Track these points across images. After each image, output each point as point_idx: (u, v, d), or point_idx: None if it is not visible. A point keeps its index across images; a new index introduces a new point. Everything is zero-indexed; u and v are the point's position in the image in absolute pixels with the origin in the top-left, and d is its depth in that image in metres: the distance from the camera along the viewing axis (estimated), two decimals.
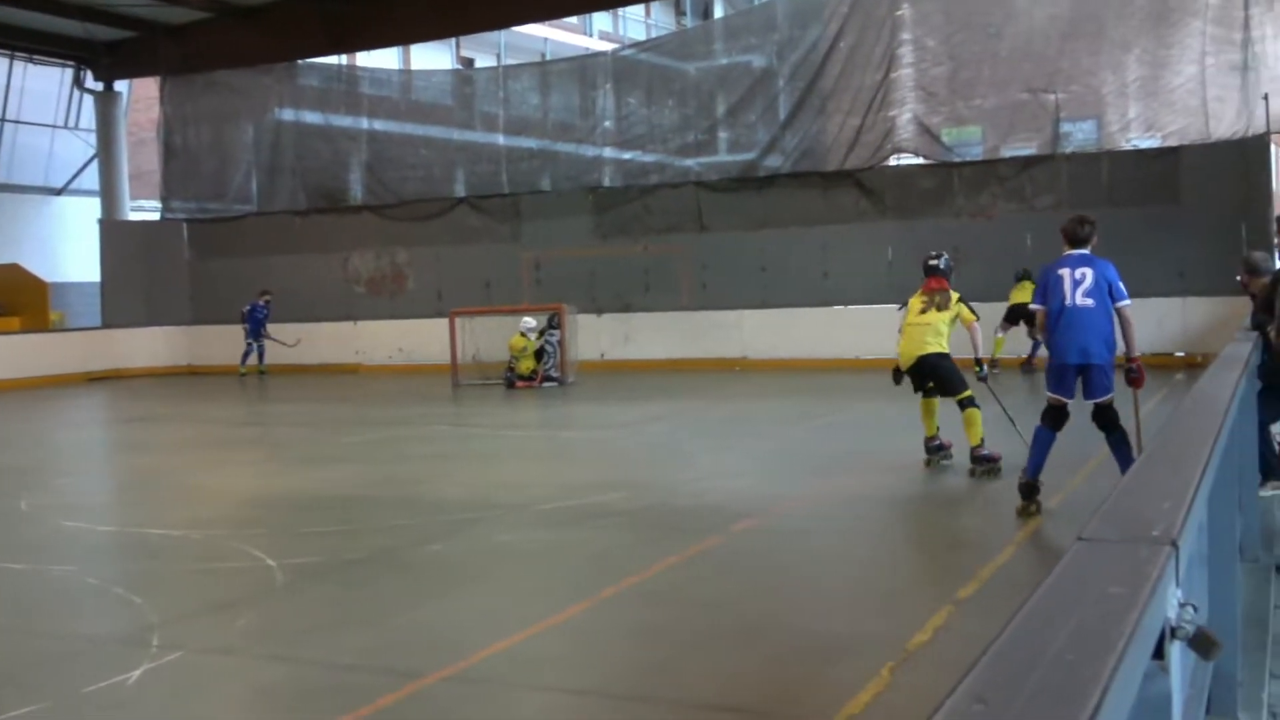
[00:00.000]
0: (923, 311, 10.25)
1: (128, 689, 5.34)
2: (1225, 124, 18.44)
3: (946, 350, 10.13)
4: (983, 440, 9.83)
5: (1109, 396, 8.00)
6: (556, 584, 7.16)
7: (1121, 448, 8.01)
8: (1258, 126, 18.03)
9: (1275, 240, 8.21)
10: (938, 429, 10.31)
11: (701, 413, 15.72)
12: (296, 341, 23.46)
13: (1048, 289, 7.99)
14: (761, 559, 7.52)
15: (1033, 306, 8.43)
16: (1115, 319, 7.94)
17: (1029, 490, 8.03)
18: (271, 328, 23.82)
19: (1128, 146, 19.57)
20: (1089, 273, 7.87)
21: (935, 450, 10.34)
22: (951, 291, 10.37)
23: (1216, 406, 3.73)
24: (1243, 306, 14.69)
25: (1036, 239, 19.64)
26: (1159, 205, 18.73)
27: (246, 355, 23.40)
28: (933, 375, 10.09)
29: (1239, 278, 8.04)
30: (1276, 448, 8.70)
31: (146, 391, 17.63)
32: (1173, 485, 2.40)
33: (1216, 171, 18.32)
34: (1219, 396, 4.06)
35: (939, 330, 10.09)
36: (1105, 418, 8.05)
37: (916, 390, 10.37)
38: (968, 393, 10.02)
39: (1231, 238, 17.93)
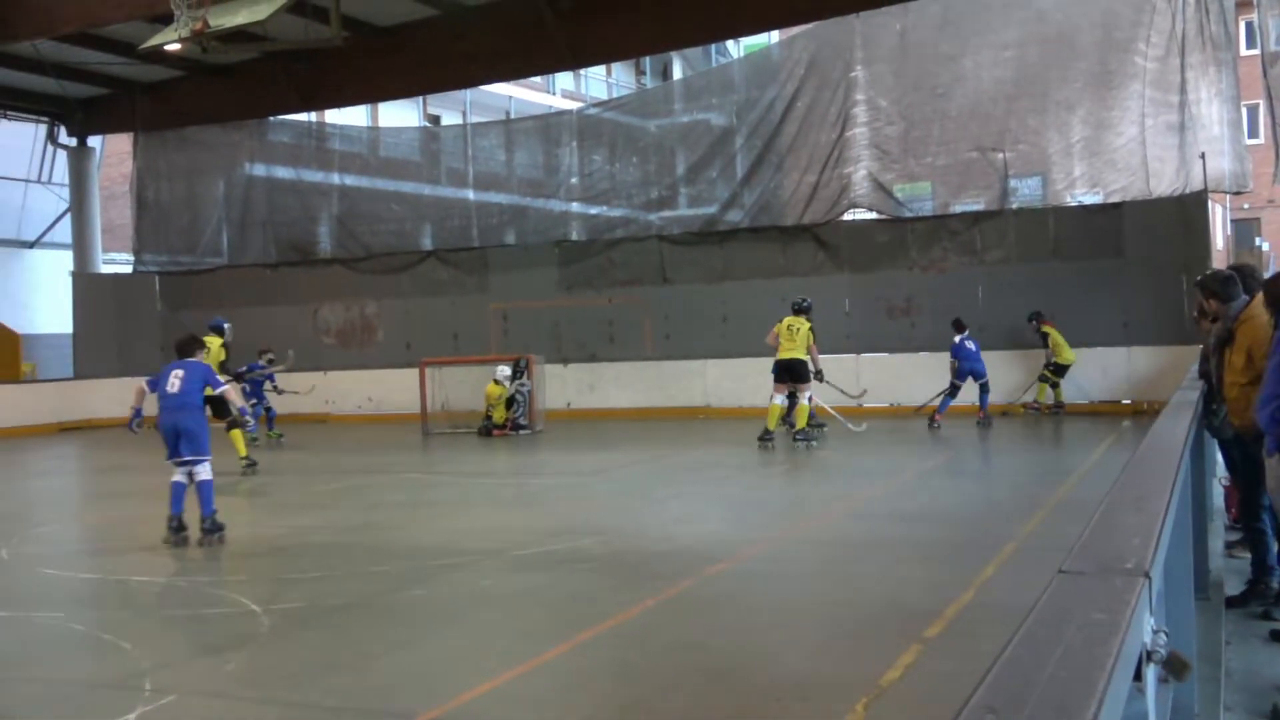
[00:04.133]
0: (790, 331, 15.99)
1: None
2: (1165, 181, 18.90)
3: (804, 358, 15.90)
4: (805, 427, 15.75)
5: None
6: (536, 627, 7.22)
7: None
8: (1195, 184, 18.50)
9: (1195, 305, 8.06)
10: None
11: (668, 459, 15.84)
12: (311, 388, 22.71)
13: None
14: (734, 601, 7.61)
15: None
16: None
17: None
18: (289, 377, 22.80)
19: (1073, 202, 20.02)
20: None
21: (766, 439, 15.63)
22: (805, 321, 16.15)
23: (1172, 451, 3.89)
24: (1185, 357, 15.06)
25: (987, 291, 20.06)
26: (1103, 259, 19.13)
27: (270, 418, 20.10)
28: (795, 370, 15.85)
29: (1199, 305, 7.62)
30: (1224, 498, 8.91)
31: (119, 441, 17.52)
32: (1140, 523, 2.55)
33: (1158, 227, 18.75)
34: (1174, 442, 4.24)
35: (801, 345, 15.91)
36: None
37: (778, 381, 15.99)
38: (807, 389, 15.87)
39: (1173, 290, 18.38)
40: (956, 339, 17.86)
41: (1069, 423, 18.07)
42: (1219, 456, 10.44)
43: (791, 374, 15.96)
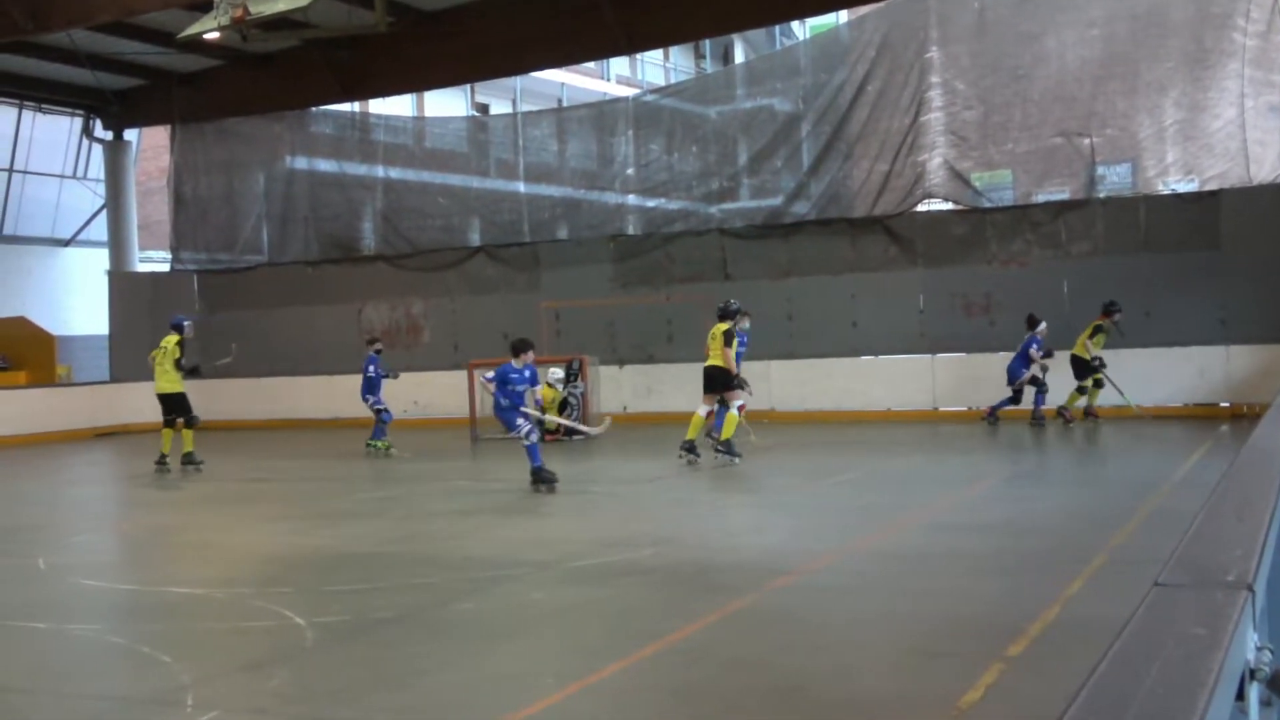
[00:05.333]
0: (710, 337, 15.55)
1: None
2: (1266, 167, 18.59)
3: (720, 364, 15.27)
4: (730, 439, 15.02)
5: None
6: (591, 643, 7.24)
7: None
8: None
9: None
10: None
11: (730, 467, 15.81)
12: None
13: None
14: (799, 616, 7.59)
15: None
16: None
17: None
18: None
19: (1165, 191, 19.74)
20: None
21: (688, 450, 15.23)
22: (722, 325, 15.49)
23: (1275, 456, 3.83)
24: None
25: (1072, 286, 19.81)
26: (1199, 251, 18.83)
27: (379, 426, 19.13)
28: (712, 378, 15.34)
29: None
30: None
31: (156, 447, 17.85)
32: (1241, 533, 2.51)
33: (1258, 216, 18.43)
34: (1277, 446, 4.17)
35: (717, 350, 15.34)
36: None
37: (704, 390, 15.46)
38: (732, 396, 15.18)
39: (1275, 283, 18.03)
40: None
41: (1161, 428, 17.79)
42: None
43: (711, 382, 15.46)
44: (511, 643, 7.33)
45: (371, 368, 19.08)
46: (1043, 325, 18.17)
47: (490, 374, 13.72)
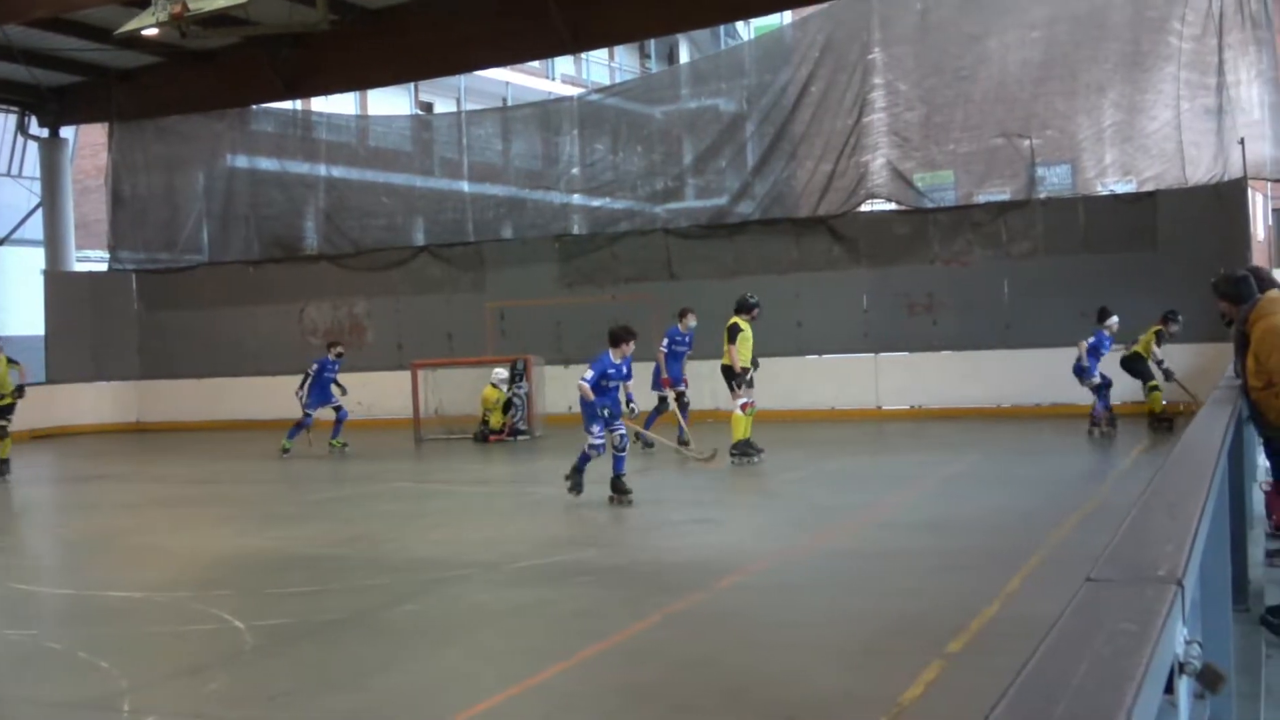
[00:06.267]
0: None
1: None
2: (1202, 168, 18.88)
3: (728, 363, 15.15)
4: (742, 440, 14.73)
5: None
6: (536, 644, 7.24)
7: None
8: (1234, 171, 18.48)
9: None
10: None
11: (676, 466, 15.85)
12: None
13: None
14: (746, 616, 7.63)
15: None
16: None
17: None
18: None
19: (1104, 191, 20.01)
20: None
21: (741, 453, 14.86)
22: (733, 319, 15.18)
23: (1208, 453, 3.91)
24: (1224, 355, 15.02)
25: (1013, 286, 20.05)
26: (1137, 251, 19.10)
27: (298, 427, 18.85)
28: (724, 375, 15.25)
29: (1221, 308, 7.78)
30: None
31: (95, 449, 17.61)
32: (1173, 529, 2.56)
33: (1194, 217, 18.72)
34: (1210, 444, 4.25)
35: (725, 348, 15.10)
36: None
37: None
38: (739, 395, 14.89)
39: (1209, 285, 18.31)
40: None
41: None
42: (1260, 460, 10.46)
43: (725, 379, 15.47)
44: (457, 644, 7.31)
45: (328, 371, 18.87)
46: (1114, 319, 16.79)
47: (590, 375, 12.05)
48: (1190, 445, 4.32)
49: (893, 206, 21.60)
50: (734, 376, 15.10)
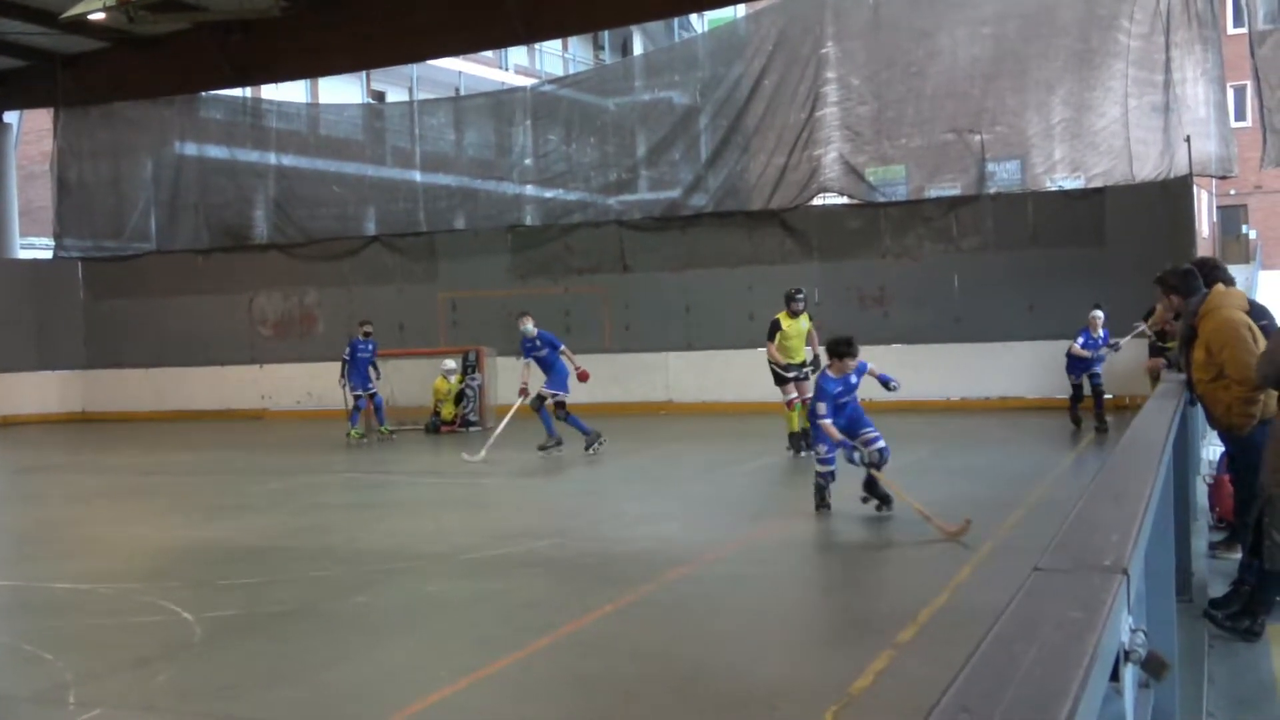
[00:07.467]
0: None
1: None
2: (1149, 165, 19.12)
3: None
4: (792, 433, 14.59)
5: None
6: (488, 635, 7.23)
7: None
8: (1180, 168, 18.73)
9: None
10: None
11: (628, 457, 15.88)
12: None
13: None
14: (696, 606, 7.66)
15: None
16: None
17: None
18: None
19: (1053, 187, 20.22)
20: None
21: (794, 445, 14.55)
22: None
23: (1153, 446, 3.97)
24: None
25: (963, 280, 20.22)
26: (1084, 247, 19.31)
27: (355, 411, 19.02)
28: None
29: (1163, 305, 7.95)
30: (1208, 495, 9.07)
31: (39, 439, 17.35)
32: (1119, 519, 2.60)
33: (1140, 213, 18.95)
34: (1155, 437, 4.32)
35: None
36: None
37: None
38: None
39: (1154, 280, 18.55)
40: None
41: (1049, 418, 18.23)
42: (1204, 453, 10.62)
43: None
44: (407, 636, 7.29)
45: (361, 352, 18.93)
46: (1093, 313, 16.45)
47: (824, 410, 10.22)
48: (1136, 437, 4.39)
49: (845, 200, 21.72)
50: (774, 373, 14.91)
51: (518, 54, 39.21)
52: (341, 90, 32.93)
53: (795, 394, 14.71)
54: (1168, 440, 4.48)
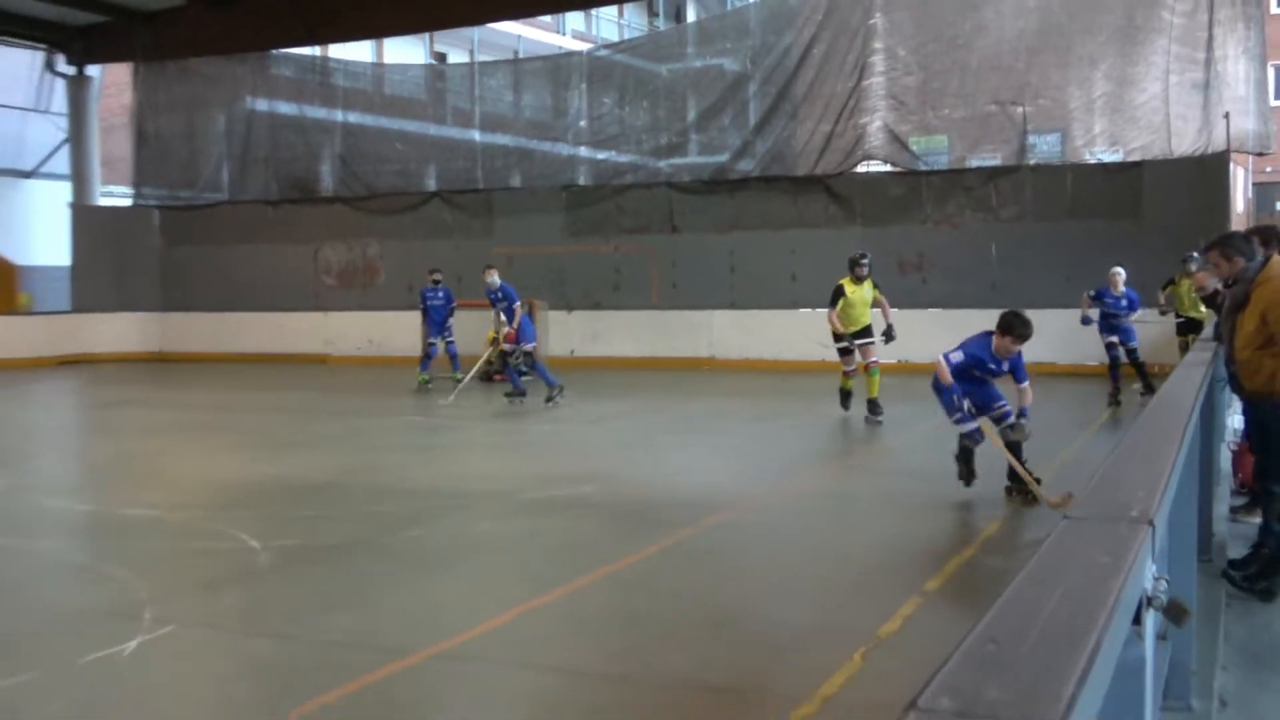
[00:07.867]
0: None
1: (124, 660, 5.45)
2: (1187, 141, 18.80)
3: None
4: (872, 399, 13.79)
5: None
6: (535, 570, 7.31)
7: None
8: (1218, 144, 18.40)
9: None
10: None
11: (671, 410, 15.91)
12: None
13: None
14: (732, 551, 7.70)
15: None
16: None
17: None
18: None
19: (1092, 160, 19.93)
20: None
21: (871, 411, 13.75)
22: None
23: (1182, 409, 3.94)
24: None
25: (1000, 248, 20.03)
26: (1120, 219, 19.06)
27: (427, 359, 18.96)
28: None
29: (1199, 261, 7.70)
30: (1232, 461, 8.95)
31: (117, 376, 17.63)
32: (1146, 475, 2.60)
33: (1177, 187, 18.66)
34: (1184, 400, 4.28)
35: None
36: None
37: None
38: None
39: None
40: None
41: (1082, 384, 18.07)
42: (1229, 421, 10.50)
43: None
44: (457, 569, 7.38)
45: (431, 300, 18.97)
46: (1114, 270, 15.75)
47: (957, 356, 9.57)
48: (1166, 401, 4.36)
49: (888, 168, 21.52)
50: (834, 338, 14.17)
51: (575, 19, 39.05)
52: (405, 51, 32.96)
53: (853, 365, 14.15)
54: (1195, 404, 4.44)
